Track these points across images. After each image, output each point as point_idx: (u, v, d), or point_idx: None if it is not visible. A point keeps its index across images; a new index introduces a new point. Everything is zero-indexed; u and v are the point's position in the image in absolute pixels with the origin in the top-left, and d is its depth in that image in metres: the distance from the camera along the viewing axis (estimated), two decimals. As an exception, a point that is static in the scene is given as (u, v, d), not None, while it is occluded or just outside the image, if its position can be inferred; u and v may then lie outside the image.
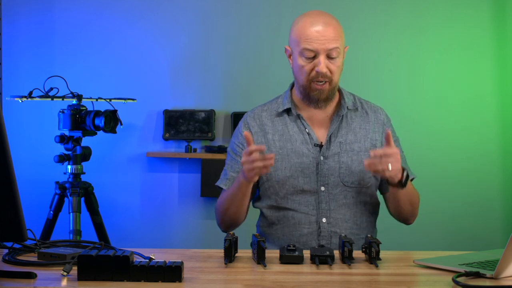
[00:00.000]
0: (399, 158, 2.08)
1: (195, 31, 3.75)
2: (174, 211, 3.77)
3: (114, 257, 1.58)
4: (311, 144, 2.27)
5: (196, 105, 3.75)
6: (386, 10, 3.74)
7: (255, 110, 2.37)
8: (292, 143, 2.28)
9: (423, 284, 1.69)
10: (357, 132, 2.30)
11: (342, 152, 2.26)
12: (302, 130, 2.28)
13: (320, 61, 2.19)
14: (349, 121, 2.30)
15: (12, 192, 1.56)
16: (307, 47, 2.20)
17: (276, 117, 2.32)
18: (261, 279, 1.67)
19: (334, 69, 2.21)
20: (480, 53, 3.74)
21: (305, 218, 2.25)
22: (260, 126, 2.32)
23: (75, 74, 3.59)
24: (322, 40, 2.18)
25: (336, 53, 2.20)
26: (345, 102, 2.30)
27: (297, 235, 2.25)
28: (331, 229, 2.23)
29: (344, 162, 2.25)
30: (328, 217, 2.24)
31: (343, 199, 2.25)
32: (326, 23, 2.22)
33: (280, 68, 3.66)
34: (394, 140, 2.30)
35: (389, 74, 3.75)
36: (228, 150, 2.39)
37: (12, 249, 1.85)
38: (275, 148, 2.28)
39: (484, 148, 3.75)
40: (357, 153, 2.27)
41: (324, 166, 2.25)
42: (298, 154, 2.26)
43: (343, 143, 2.27)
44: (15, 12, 3.70)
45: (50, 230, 3.21)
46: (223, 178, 2.34)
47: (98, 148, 3.45)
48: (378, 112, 2.35)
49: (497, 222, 3.76)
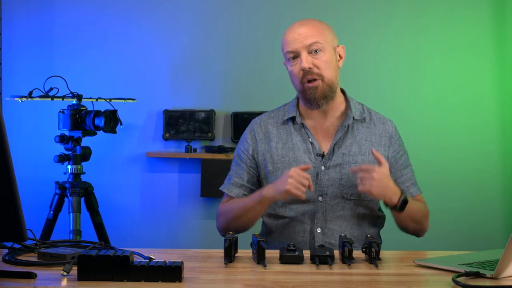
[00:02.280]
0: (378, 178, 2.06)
1: (195, 31, 3.75)
2: (174, 211, 3.77)
3: (114, 257, 1.58)
4: (313, 154, 2.25)
5: (196, 105, 3.75)
6: (386, 10, 3.74)
7: (262, 117, 2.37)
8: (295, 152, 2.26)
9: (423, 284, 1.69)
10: (362, 144, 2.27)
11: (344, 164, 2.24)
12: (306, 139, 2.27)
13: (302, 58, 2.20)
14: (355, 132, 2.28)
15: (12, 192, 1.56)
16: (288, 49, 2.23)
17: (282, 125, 2.32)
18: (261, 279, 1.67)
19: (320, 63, 2.20)
20: (480, 53, 3.74)
21: (300, 226, 2.24)
22: (265, 133, 2.32)
23: (75, 74, 3.59)
24: (299, 39, 2.20)
25: (317, 47, 2.20)
26: (351, 112, 2.27)
27: None
28: (326, 240, 2.22)
29: (345, 173, 2.23)
30: (323, 228, 2.23)
31: (341, 210, 2.24)
32: (303, 24, 2.24)
33: (280, 68, 3.66)
34: (400, 155, 2.30)
35: (389, 74, 3.75)
36: (234, 155, 2.38)
37: (12, 249, 1.85)
38: (277, 156, 2.28)
39: (484, 148, 3.74)
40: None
41: (324, 176, 2.23)
42: (298, 163, 2.23)
43: (346, 155, 2.25)
44: (15, 12, 3.70)
45: (50, 230, 3.21)
46: (227, 183, 2.34)
47: (98, 148, 3.45)
48: (386, 124, 2.32)
49: (497, 222, 3.75)
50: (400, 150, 2.31)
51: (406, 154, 2.34)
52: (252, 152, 2.32)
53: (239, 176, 2.32)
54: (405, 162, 2.31)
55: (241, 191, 2.32)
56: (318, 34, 2.21)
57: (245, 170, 2.32)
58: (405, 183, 2.28)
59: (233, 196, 2.32)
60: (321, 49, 2.20)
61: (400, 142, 2.33)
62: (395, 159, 2.29)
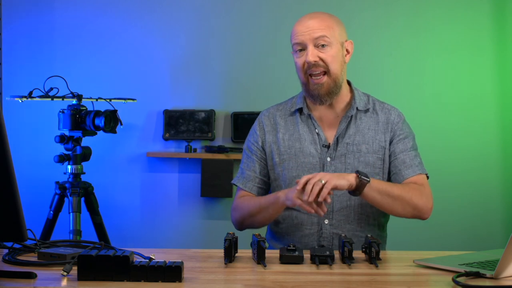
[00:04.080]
0: (321, 174, 2.02)
1: (195, 31, 3.75)
2: (174, 211, 3.77)
3: (114, 257, 1.58)
4: (319, 145, 2.27)
5: (196, 105, 3.75)
6: (386, 10, 3.74)
7: (270, 109, 2.40)
8: (301, 142, 2.28)
9: (423, 284, 1.69)
10: (365, 134, 2.28)
11: (348, 154, 2.25)
12: (312, 130, 2.29)
13: (308, 51, 2.20)
14: (358, 122, 2.29)
15: (12, 192, 1.56)
16: (295, 41, 2.24)
17: (289, 116, 2.34)
18: (261, 279, 1.67)
19: (327, 57, 2.21)
20: (480, 53, 3.74)
21: (308, 219, 2.25)
22: (273, 125, 2.34)
23: (75, 74, 3.59)
24: (307, 31, 2.21)
25: (324, 41, 2.20)
26: (355, 103, 2.29)
27: (299, 236, 2.25)
28: (333, 231, 2.23)
29: (350, 163, 2.24)
30: (331, 219, 2.24)
31: (348, 200, 2.24)
32: (312, 17, 2.25)
33: (280, 68, 3.67)
34: (399, 139, 2.28)
35: (389, 74, 3.75)
36: (244, 148, 2.40)
37: (12, 249, 1.85)
38: (284, 147, 2.30)
39: (484, 148, 3.74)
40: (364, 154, 2.26)
41: (330, 167, 2.25)
42: (305, 154, 2.26)
43: (350, 144, 2.26)
44: (15, 12, 3.70)
45: (50, 230, 3.21)
46: (240, 176, 2.36)
47: (98, 148, 3.45)
48: (389, 113, 2.32)
49: (497, 222, 3.75)
50: (400, 135, 2.29)
51: (407, 139, 2.29)
52: (262, 143, 2.35)
53: (251, 169, 2.34)
54: (402, 146, 2.28)
55: (255, 184, 2.34)
56: (327, 28, 2.22)
57: (256, 162, 2.34)
58: (397, 167, 2.26)
59: (247, 190, 2.33)
60: (328, 44, 2.21)
61: (402, 127, 2.30)
62: (391, 144, 2.28)
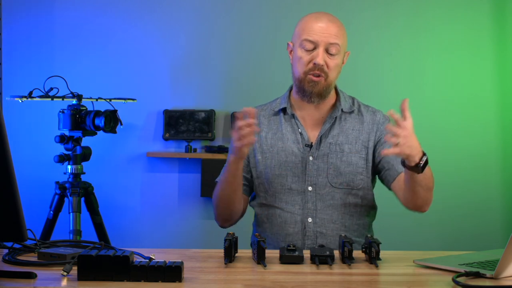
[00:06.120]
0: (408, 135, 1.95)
1: (195, 31, 3.75)
2: (174, 211, 3.77)
3: (114, 257, 1.58)
4: (302, 144, 2.28)
5: (196, 105, 3.75)
6: (386, 10, 3.74)
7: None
8: (284, 141, 2.30)
9: (423, 284, 1.69)
10: (349, 134, 2.29)
11: (331, 153, 2.27)
12: (295, 130, 2.30)
13: (319, 53, 2.21)
14: (342, 123, 2.30)
15: (12, 192, 1.56)
16: (308, 38, 2.23)
17: (273, 116, 2.35)
18: (261, 279, 1.67)
19: (332, 65, 2.23)
20: (480, 53, 3.74)
21: (291, 217, 2.26)
22: (257, 125, 2.33)
23: (75, 74, 3.59)
24: (324, 34, 2.22)
25: (335, 50, 2.22)
26: (340, 104, 2.31)
27: (283, 235, 2.26)
28: (317, 229, 2.24)
29: (332, 163, 2.26)
30: (314, 217, 2.25)
31: (331, 200, 2.25)
32: (331, 20, 2.26)
33: (280, 68, 3.66)
34: None
35: (389, 74, 3.75)
36: (229, 147, 2.40)
37: (12, 249, 1.84)
38: (266, 145, 2.31)
39: (484, 148, 3.74)
40: (347, 154, 2.27)
41: (313, 166, 2.26)
42: (287, 153, 2.28)
43: (332, 144, 2.27)
44: (15, 12, 3.70)
45: (50, 230, 3.21)
46: (222, 173, 2.36)
47: (98, 148, 3.45)
48: (374, 114, 2.33)
49: (497, 222, 3.75)
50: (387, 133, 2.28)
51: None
52: None
53: None
54: None
55: None
56: (341, 37, 2.24)
57: None
58: (389, 163, 2.25)
59: None
60: (337, 53, 2.23)
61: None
62: (380, 144, 2.27)
